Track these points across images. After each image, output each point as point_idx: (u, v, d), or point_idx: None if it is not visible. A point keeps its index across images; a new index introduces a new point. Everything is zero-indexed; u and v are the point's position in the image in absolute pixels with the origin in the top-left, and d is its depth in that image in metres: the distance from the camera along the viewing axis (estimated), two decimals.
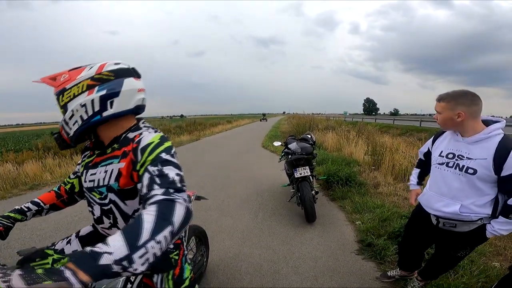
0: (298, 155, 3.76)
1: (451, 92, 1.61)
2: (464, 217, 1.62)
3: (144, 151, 0.94)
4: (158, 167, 0.88)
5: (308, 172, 3.65)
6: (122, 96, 0.99)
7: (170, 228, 0.74)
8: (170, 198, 0.79)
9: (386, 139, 7.61)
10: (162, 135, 1.02)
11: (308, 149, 3.88)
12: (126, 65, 1.05)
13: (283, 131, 17.32)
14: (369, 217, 3.67)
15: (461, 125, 1.58)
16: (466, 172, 1.56)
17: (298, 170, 3.67)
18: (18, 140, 26.58)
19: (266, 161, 7.94)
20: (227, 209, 4.17)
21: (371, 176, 5.49)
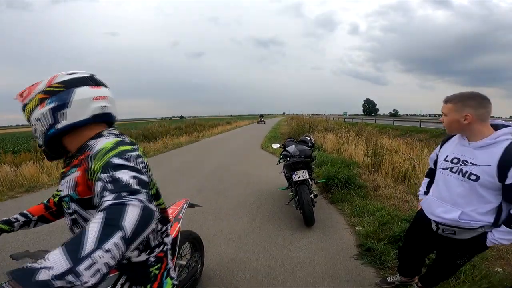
0: (297, 158, 3.71)
1: (459, 93, 1.55)
2: (464, 224, 1.56)
3: (95, 158, 0.89)
4: (109, 173, 0.81)
5: (306, 175, 3.59)
6: (73, 107, 0.96)
7: (121, 234, 0.66)
8: (120, 201, 0.72)
9: (386, 141, 7.54)
10: (119, 140, 0.97)
11: (306, 152, 3.82)
12: (84, 73, 1.03)
13: (282, 133, 17.26)
14: (368, 221, 3.61)
15: (468, 129, 1.52)
16: (469, 178, 1.49)
17: (296, 173, 3.62)
18: (17, 141, 26.54)
19: (265, 163, 7.88)
20: (224, 213, 4.11)
21: (371, 179, 5.43)
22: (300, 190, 3.51)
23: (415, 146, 7.62)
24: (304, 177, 3.57)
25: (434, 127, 17.69)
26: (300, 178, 3.57)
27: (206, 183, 5.81)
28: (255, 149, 10.96)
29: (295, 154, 3.77)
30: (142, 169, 0.89)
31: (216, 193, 5.09)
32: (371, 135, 9.89)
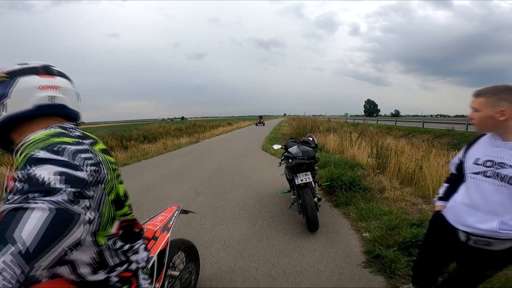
0: (299, 159, 3.51)
1: (491, 86, 1.36)
2: (503, 234, 1.36)
3: (18, 152, 0.75)
4: (26, 169, 0.65)
5: (310, 178, 3.40)
6: (13, 97, 0.85)
7: (13, 248, 0.51)
8: (18, 206, 0.57)
9: (390, 141, 7.33)
10: (60, 131, 0.84)
11: (310, 153, 3.62)
12: (37, 63, 0.94)
13: (284, 133, 17.06)
14: (376, 225, 3.41)
15: (504, 126, 1.33)
16: (509, 183, 1.29)
17: (299, 176, 3.42)
18: None
19: (265, 165, 7.68)
20: (223, 217, 3.90)
21: (376, 180, 5.21)
22: (303, 193, 3.32)
23: (420, 147, 7.40)
24: (307, 180, 3.38)
25: (437, 127, 17.49)
26: (303, 181, 3.37)
27: (205, 185, 5.61)
28: (256, 150, 10.76)
29: (297, 156, 3.58)
30: (81, 166, 0.73)
31: (215, 196, 4.88)
32: (374, 135, 9.68)
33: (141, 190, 5.31)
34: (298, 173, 3.46)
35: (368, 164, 6.28)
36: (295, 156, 3.60)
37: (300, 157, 3.55)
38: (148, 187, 5.49)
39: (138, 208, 4.31)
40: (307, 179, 3.39)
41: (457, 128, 15.19)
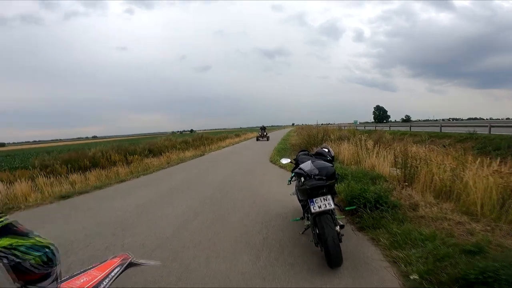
0: (315, 179, 2.75)
1: None
2: None
3: None
4: None
5: (331, 204, 2.64)
6: None
7: None
8: None
9: (416, 148, 6.46)
10: None
11: (328, 170, 2.84)
12: None
13: (293, 144, 16.25)
14: (417, 255, 2.63)
15: None
16: None
17: (315, 201, 2.66)
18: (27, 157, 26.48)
19: (274, 179, 6.89)
20: (221, 246, 3.15)
21: (404, 195, 4.38)
22: (322, 222, 2.57)
23: (448, 153, 6.51)
24: (327, 206, 2.62)
25: (456, 131, 16.41)
26: (322, 208, 2.62)
27: (205, 204, 4.90)
28: (263, 163, 10.01)
29: (312, 174, 2.80)
30: None
31: (215, 218, 4.15)
32: (392, 142, 8.84)
33: (132, 210, 4.65)
34: (314, 197, 2.70)
35: (391, 176, 5.45)
36: (309, 174, 2.83)
37: (316, 176, 2.77)
38: (142, 206, 4.82)
39: (123, 233, 3.63)
40: (326, 205, 2.63)
41: (479, 131, 14.13)
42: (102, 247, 3.23)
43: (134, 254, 3.03)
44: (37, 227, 3.92)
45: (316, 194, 2.68)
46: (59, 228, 3.90)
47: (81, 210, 4.77)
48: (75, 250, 3.20)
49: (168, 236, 3.45)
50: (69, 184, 8.11)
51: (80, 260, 2.92)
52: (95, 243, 3.35)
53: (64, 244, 3.32)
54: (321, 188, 2.68)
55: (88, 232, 3.72)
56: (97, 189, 6.64)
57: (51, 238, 3.33)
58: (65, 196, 5.81)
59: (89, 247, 3.25)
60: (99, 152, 14.13)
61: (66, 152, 14.02)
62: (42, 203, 5.43)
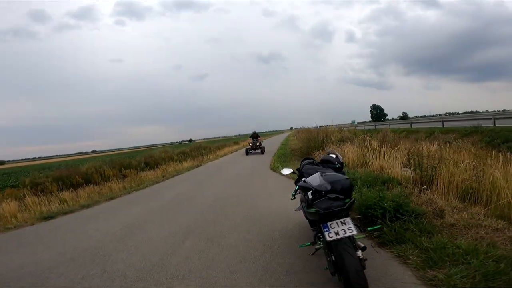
0: (329, 199, 2.15)
1: None
2: None
3: None
4: None
5: (351, 229, 2.06)
6: None
7: None
8: None
9: (428, 146, 5.98)
10: None
11: (343, 183, 2.26)
12: None
13: (293, 148, 15.73)
14: (461, 275, 2.12)
15: None
16: None
17: (331, 226, 2.08)
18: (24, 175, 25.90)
19: (275, 190, 6.34)
20: (215, 277, 2.60)
21: (424, 200, 3.86)
22: (339, 250, 2.01)
23: (463, 150, 6.03)
24: (347, 232, 2.04)
25: (459, 125, 15.98)
26: (340, 236, 2.03)
27: (198, 223, 4.32)
28: (263, 171, 9.44)
29: (324, 189, 2.22)
30: None
31: (208, 240, 3.57)
32: (397, 141, 8.37)
33: (116, 232, 4.10)
34: (328, 221, 2.12)
35: (404, 178, 4.95)
36: (319, 189, 2.24)
37: (327, 191, 2.20)
38: (127, 228, 4.27)
39: (104, 260, 3.11)
40: (346, 231, 2.05)
41: (484, 124, 13.71)
42: (77, 278, 2.75)
43: (115, 285, 2.54)
44: (10, 252, 3.54)
45: (330, 217, 2.12)
46: (32, 254, 3.44)
47: (61, 233, 4.27)
48: (46, 280, 2.72)
49: (154, 264, 2.92)
50: (58, 202, 7.59)
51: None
52: (70, 272, 2.87)
53: (34, 273, 2.89)
54: (339, 213, 2.10)
55: (64, 258, 3.25)
56: (84, 208, 6.10)
57: (21, 265, 2.87)
58: (48, 217, 5.29)
59: (62, 277, 2.77)
60: (92, 168, 13.57)
61: (57, 169, 13.45)
62: (23, 225, 4.94)
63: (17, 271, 2.95)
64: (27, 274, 2.85)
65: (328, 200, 2.13)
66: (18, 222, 5.22)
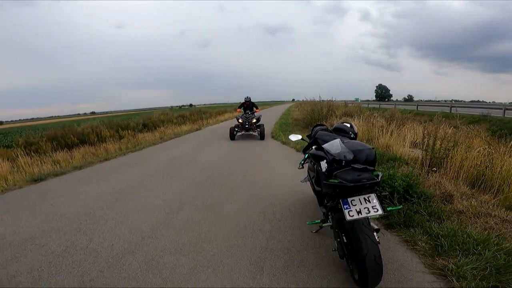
0: (356, 170, 1.79)
1: None
2: None
3: None
4: None
5: (377, 208, 1.78)
6: None
7: None
8: None
9: (445, 128, 5.70)
10: None
11: (368, 154, 1.92)
12: None
13: (296, 118, 15.39)
14: (471, 266, 1.99)
15: None
16: None
17: (352, 204, 1.80)
18: (20, 135, 25.69)
19: (277, 158, 6.15)
20: (211, 252, 2.44)
21: (432, 182, 3.67)
22: (356, 230, 1.76)
23: (474, 136, 5.77)
24: (371, 212, 1.77)
25: (467, 112, 15.69)
26: (363, 215, 1.76)
27: (194, 190, 4.13)
28: (264, 140, 9.22)
29: (344, 158, 1.87)
30: None
31: (205, 209, 3.41)
32: (405, 121, 8.07)
33: (107, 197, 3.90)
34: (349, 196, 1.85)
35: (411, 158, 4.74)
36: (338, 158, 1.89)
37: (349, 160, 1.85)
38: (118, 193, 4.08)
39: (91, 230, 2.94)
40: (370, 209, 1.77)
41: (493, 114, 13.58)
42: (60, 249, 2.52)
43: (100, 259, 2.32)
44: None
45: (352, 192, 1.84)
46: (15, 222, 3.18)
47: (49, 197, 4.03)
48: (25, 252, 2.49)
49: (145, 235, 2.74)
50: (51, 163, 7.38)
51: (28, 267, 2.24)
52: (53, 243, 2.64)
53: (15, 243, 2.66)
54: (364, 186, 1.75)
55: (48, 227, 3.00)
56: (76, 170, 5.87)
57: (2, 235, 2.65)
58: (38, 179, 5.05)
59: (44, 248, 2.54)
60: (89, 128, 13.24)
61: (53, 129, 13.06)
62: (11, 188, 4.65)
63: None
64: (7, 245, 2.63)
65: (354, 171, 1.78)
66: (8, 185, 4.95)
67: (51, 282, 2.07)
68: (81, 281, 2.06)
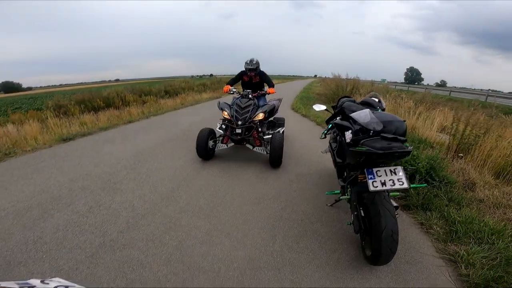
0: (386, 139, 1.70)
1: None
2: None
3: None
4: None
5: (403, 181, 1.73)
6: None
7: None
8: None
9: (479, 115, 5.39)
10: None
11: (398, 125, 1.82)
12: None
13: (318, 93, 14.96)
14: (483, 254, 1.97)
15: None
16: None
17: (377, 175, 1.76)
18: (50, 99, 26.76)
19: (296, 129, 6.08)
20: (226, 215, 2.54)
21: (456, 168, 3.55)
22: (377, 204, 1.73)
23: (507, 126, 5.40)
24: (396, 185, 1.72)
25: (503, 103, 14.50)
26: (388, 187, 1.72)
27: (214, 155, 4.18)
28: (285, 110, 9.10)
29: (373, 128, 1.78)
30: None
31: (223, 174, 3.50)
32: (435, 105, 7.67)
33: (130, 158, 4.09)
34: (375, 166, 1.81)
35: (438, 142, 4.55)
36: (365, 128, 1.82)
37: (377, 130, 1.76)
38: (141, 154, 4.26)
39: (114, 189, 3.10)
40: (395, 182, 1.73)
41: None
42: (85, 208, 2.64)
43: (121, 219, 2.43)
44: (23, 178, 3.42)
45: (378, 163, 1.81)
46: (44, 181, 3.31)
47: (75, 156, 4.24)
48: (52, 212, 2.58)
49: (164, 197, 2.87)
50: (79, 125, 7.73)
51: (54, 228, 2.33)
52: (79, 202, 2.76)
53: (43, 202, 2.76)
54: (394, 154, 1.65)
55: (75, 186, 3.15)
56: (102, 131, 6.15)
57: (31, 194, 2.78)
58: (66, 139, 5.32)
59: (70, 208, 2.65)
60: (114, 92, 13.62)
61: (80, 93, 13.52)
62: (41, 147, 4.90)
63: (26, 200, 2.81)
64: (36, 205, 2.71)
65: (383, 140, 1.71)
66: (38, 144, 5.18)
67: (74, 242, 2.13)
68: (102, 242, 2.14)
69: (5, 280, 0.64)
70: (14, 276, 1.77)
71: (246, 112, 3.81)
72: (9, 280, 0.65)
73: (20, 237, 2.20)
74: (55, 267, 1.87)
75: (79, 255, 1.98)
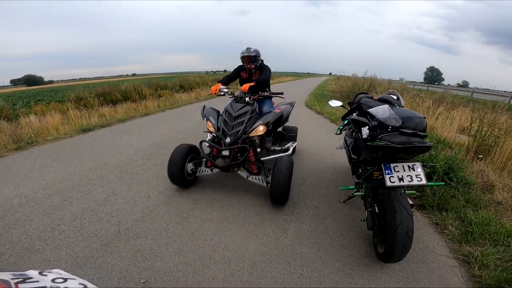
0: (406, 135, 1.66)
1: None
2: None
3: None
4: None
5: (421, 177, 1.70)
6: None
7: None
8: None
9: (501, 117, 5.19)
10: None
11: (418, 122, 1.77)
12: None
13: (333, 90, 14.77)
14: (497, 256, 1.94)
15: None
16: None
17: (395, 170, 1.74)
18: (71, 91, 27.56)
19: (310, 126, 6.05)
20: (238, 207, 2.58)
21: (475, 170, 3.45)
22: (393, 200, 1.71)
23: None
24: (414, 181, 1.69)
25: None
26: (405, 182, 1.70)
27: None
28: (298, 108, 9.05)
29: (391, 124, 1.73)
30: None
31: None
32: (456, 105, 7.44)
33: (147, 149, 4.20)
34: (392, 161, 1.79)
35: (457, 143, 4.43)
36: (384, 123, 1.76)
37: (395, 126, 1.71)
38: (157, 145, 4.37)
39: (130, 179, 3.19)
40: (413, 178, 1.70)
41: None
42: (102, 197, 2.73)
43: (136, 209, 2.48)
44: (44, 166, 3.54)
45: (395, 158, 1.78)
46: (64, 169, 3.44)
47: (96, 146, 4.40)
48: (71, 200, 2.67)
49: (179, 187, 2.93)
50: (98, 117, 7.98)
51: (72, 216, 2.40)
52: (96, 191, 2.85)
53: (63, 190, 2.86)
54: (413, 149, 1.60)
55: (93, 175, 3.26)
56: (120, 122, 6.35)
57: (52, 182, 2.87)
58: (86, 130, 5.52)
59: (88, 196, 2.75)
60: (131, 86, 13.98)
61: (100, 87, 13.96)
62: (62, 137, 5.09)
63: (47, 188, 2.90)
64: (56, 192, 2.81)
65: (402, 135, 1.67)
66: (59, 134, 5.39)
67: (91, 230, 2.19)
68: (117, 230, 2.19)
69: (3, 271, 0.68)
70: (31, 264, 1.83)
71: (239, 124, 2.70)
72: (6, 270, 0.69)
73: (39, 224, 2.27)
74: (71, 254, 1.93)
75: (95, 243, 2.04)
